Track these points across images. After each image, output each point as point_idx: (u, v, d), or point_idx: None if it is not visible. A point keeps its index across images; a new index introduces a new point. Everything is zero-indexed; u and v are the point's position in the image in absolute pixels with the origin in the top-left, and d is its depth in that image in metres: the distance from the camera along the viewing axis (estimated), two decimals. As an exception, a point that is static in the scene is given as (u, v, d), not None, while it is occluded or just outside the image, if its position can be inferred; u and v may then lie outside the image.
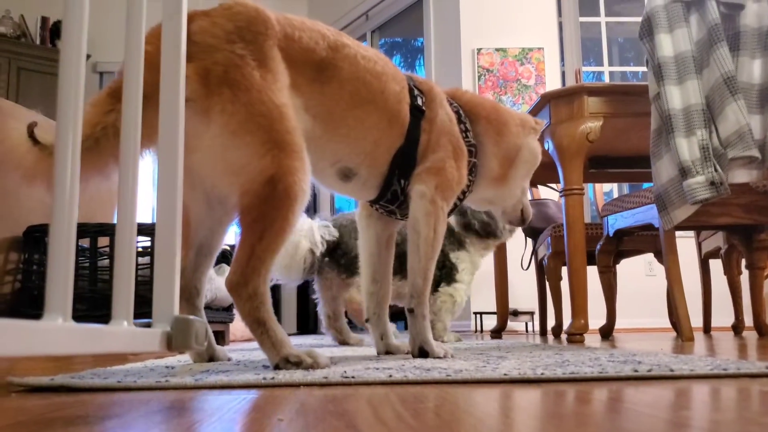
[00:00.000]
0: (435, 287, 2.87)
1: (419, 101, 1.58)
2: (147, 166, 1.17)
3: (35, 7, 6.85)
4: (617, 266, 3.62)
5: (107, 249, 2.74)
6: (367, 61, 1.46)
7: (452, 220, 2.88)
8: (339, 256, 2.76)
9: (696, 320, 2.98)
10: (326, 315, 2.82)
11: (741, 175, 2.41)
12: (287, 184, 1.20)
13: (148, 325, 0.85)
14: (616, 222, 2.93)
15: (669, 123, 2.34)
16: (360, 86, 1.43)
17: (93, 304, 2.66)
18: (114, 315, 0.78)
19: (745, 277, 3.35)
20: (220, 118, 1.18)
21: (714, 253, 3.59)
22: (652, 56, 2.45)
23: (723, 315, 4.09)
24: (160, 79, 0.95)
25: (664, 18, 2.44)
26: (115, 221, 3.20)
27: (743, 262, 3.29)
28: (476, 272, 2.95)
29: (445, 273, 2.84)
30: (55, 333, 0.59)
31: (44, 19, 6.78)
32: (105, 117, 1.11)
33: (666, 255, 2.57)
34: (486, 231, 2.85)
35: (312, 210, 6.80)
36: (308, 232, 2.70)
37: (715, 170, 2.24)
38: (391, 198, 1.62)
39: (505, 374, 1.02)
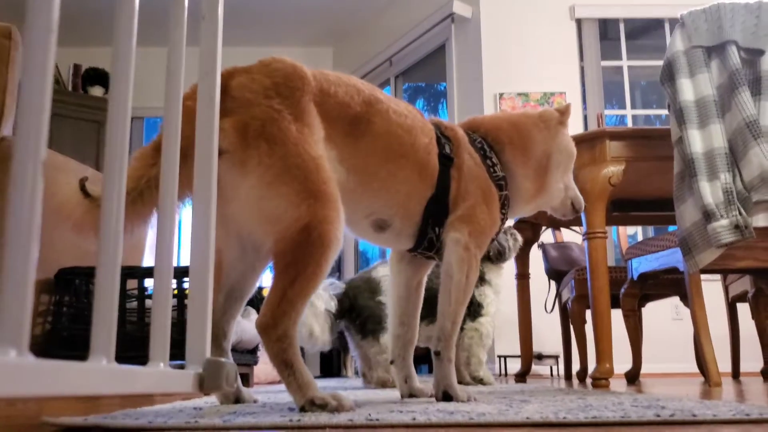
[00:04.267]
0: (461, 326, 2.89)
1: (447, 149, 1.60)
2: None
3: (68, 55, 7.08)
4: (643, 310, 3.59)
5: (136, 291, 2.79)
6: (398, 116, 1.49)
7: None
8: (354, 318, 2.77)
9: (724, 365, 2.94)
10: (363, 373, 2.82)
11: (765, 219, 2.41)
12: (321, 232, 1.22)
13: (182, 367, 0.89)
14: (641, 265, 2.92)
15: (692, 167, 2.35)
16: (392, 140, 1.46)
17: (122, 346, 2.69)
18: (151, 357, 0.81)
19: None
20: (257, 169, 1.22)
21: (741, 297, 3.55)
22: (674, 101, 2.47)
23: (752, 360, 4.02)
24: (196, 133, 1.01)
25: (684, 63, 2.47)
26: (143, 265, 3.26)
27: (771, 306, 3.24)
28: (500, 302, 3.04)
29: (472, 310, 2.87)
30: (100, 374, 0.63)
31: (76, 67, 7.01)
32: (149, 170, 1.17)
33: (692, 299, 2.56)
34: (497, 256, 3.03)
35: (337, 273, 6.82)
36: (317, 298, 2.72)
37: (740, 213, 2.24)
38: (428, 246, 1.63)
39: (527, 418, 1.04)
